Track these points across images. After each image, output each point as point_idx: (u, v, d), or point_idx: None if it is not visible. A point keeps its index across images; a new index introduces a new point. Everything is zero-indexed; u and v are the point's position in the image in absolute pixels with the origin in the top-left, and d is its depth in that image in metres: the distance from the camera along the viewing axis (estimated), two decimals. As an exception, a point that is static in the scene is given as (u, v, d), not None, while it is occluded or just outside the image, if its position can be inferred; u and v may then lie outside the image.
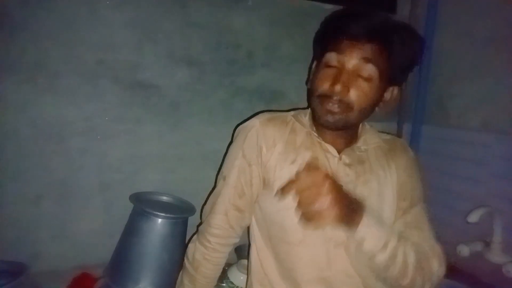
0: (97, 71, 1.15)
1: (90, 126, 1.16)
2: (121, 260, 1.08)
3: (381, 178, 0.91)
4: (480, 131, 1.35)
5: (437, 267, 0.86)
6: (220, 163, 1.14)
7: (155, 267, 1.06)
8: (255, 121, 0.94)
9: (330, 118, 0.84)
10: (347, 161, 0.90)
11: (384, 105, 0.91)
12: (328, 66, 0.85)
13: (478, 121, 1.37)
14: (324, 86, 0.84)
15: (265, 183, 0.91)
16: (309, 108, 0.98)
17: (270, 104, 1.39)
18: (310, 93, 0.91)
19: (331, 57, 0.84)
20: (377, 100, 0.87)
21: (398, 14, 1.59)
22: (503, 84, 1.29)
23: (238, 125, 1.02)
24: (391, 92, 0.90)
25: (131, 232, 1.10)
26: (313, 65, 0.96)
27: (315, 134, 0.92)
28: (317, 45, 0.94)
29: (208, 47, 1.28)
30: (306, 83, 0.99)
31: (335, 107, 0.83)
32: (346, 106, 0.83)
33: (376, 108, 0.89)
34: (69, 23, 1.10)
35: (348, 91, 0.82)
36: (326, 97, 0.83)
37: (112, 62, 1.16)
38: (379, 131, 1.02)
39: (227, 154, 0.99)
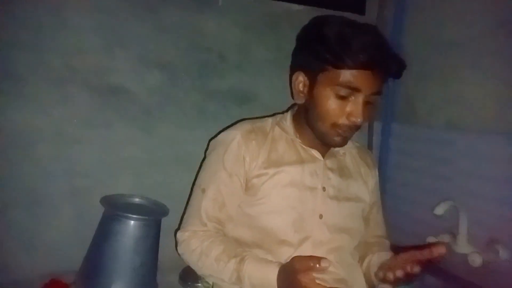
0: (65, 76, 1.14)
1: (59, 132, 1.15)
2: (93, 265, 1.07)
3: (359, 183, 0.98)
4: (446, 129, 1.39)
5: None
6: (194, 166, 1.14)
7: (128, 270, 1.06)
8: (235, 133, 0.94)
9: (341, 141, 0.88)
10: (330, 165, 0.95)
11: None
12: (341, 95, 0.83)
13: (444, 120, 1.42)
14: (340, 116, 0.84)
15: (249, 189, 0.92)
16: (289, 113, 0.98)
17: (243, 106, 1.41)
18: (315, 116, 0.87)
19: (346, 91, 0.82)
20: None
21: (366, 16, 1.64)
22: (467, 85, 1.34)
23: (211, 138, 1.00)
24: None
25: (102, 235, 1.09)
26: (303, 78, 0.89)
27: (299, 141, 0.94)
28: (315, 60, 0.85)
29: (180, 51, 1.29)
30: (292, 97, 0.94)
31: (350, 132, 0.87)
32: (357, 129, 0.87)
33: None
34: (35, 29, 1.09)
35: (366, 119, 0.85)
36: (344, 126, 0.85)
37: (81, 67, 1.15)
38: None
39: (205, 166, 0.97)
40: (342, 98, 0.83)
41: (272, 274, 0.84)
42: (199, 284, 1.17)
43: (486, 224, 1.24)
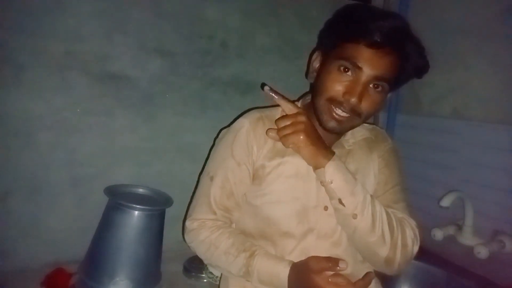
0: (65, 63, 1.11)
1: (59, 120, 1.13)
2: (97, 255, 1.06)
3: (365, 169, 0.95)
4: (451, 119, 1.38)
5: (412, 239, 0.88)
6: (196, 155, 1.13)
7: (132, 261, 1.04)
8: (244, 121, 0.94)
9: (336, 126, 0.85)
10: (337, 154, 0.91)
11: (382, 108, 0.92)
12: (341, 70, 0.82)
13: (449, 109, 1.40)
14: (336, 90, 0.82)
15: (255, 179, 0.92)
16: (300, 102, 0.99)
17: (245, 95, 1.39)
18: (316, 91, 0.87)
19: (347, 65, 0.81)
20: (381, 106, 0.87)
21: (372, 3, 1.61)
22: (473, 73, 1.32)
23: (222, 128, 1.01)
24: (389, 96, 0.91)
25: (106, 226, 1.07)
26: (318, 56, 0.91)
27: None
28: (331, 37, 0.88)
29: (181, 38, 1.26)
30: (306, 76, 0.96)
31: (344, 115, 0.83)
32: (355, 113, 0.83)
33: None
34: (33, 13, 1.06)
35: (361, 101, 0.81)
36: (337, 102, 0.82)
37: (81, 53, 1.13)
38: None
39: (213, 154, 0.97)
40: (344, 72, 0.81)
41: (283, 272, 0.83)
42: (203, 275, 1.17)
43: (492, 215, 1.23)
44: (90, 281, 1.02)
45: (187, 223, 0.94)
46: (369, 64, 0.79)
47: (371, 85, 0.81)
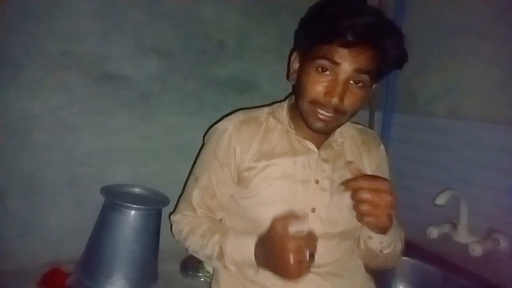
0: (62, 63, 1.11)
1: (57, 120, 1.13)
2: (93, 255, 1.06)
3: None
4: (447, 118, 1.38)
5: (401, 248, 0.95)
6: (192, 154, 1.13)
7: (128, 261, 1.05)
8: (228, 124, 0.94)
9: (323, 126, 0.84)
10: (325, 156, 0.92)
11: (367, 103, 0.93)
12: (319, 71, 0.81)
13: (445, 109, 1.41)
14: (317, 92, 0.81)
15: (241, 181, 0.92)
16: (286, 102, 0.98)
17: (242, 95, 1.39)
18: (298, 94, 0.87)
19: (325, 64, 0.80)
20: (365, 100, 0.86)
21: (368, 2, 1.61)
22: (469, 73, 1.32)
23: (210, 126, 1.02)
24: (373, 89, 0.90)
25: (102, 226, 1.08)
26: (296, 57, 0.90)
27: (293, 131, 0.93)
28: (305, 36, 0.87)
29: (178, 38, 1.27)
30: (287, 78, 0.96)
31: (329, 115, 0.82)
32: (339, 112, 0.82)
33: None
34: (31, 13, 1.06)
35: (342, 100, 0.80)
36: (319, 103, 0.82)
37: (78, 53, 1.13)
38: (352, 122, 1.04)
39: (200, 155, 1.00)
40: (323, 72, 0.80)
41: (251, 246, 0.82)
42: (200, 274, 1.18)
43: (486, 214, 1.24)
44: (87, 281, 1.03)
45: (172, 216, 0.99)
46: (346, 61, 0.78)
47: (351, 82, 0.80)
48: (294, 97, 0.95)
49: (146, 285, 1.09)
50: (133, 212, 1.06)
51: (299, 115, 0.88)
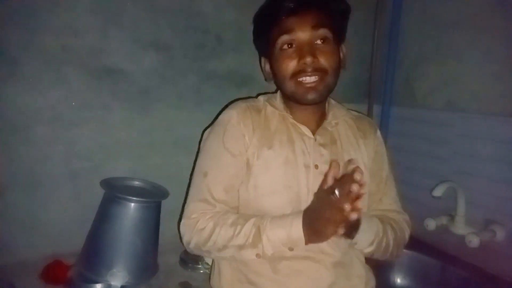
0: (60, 57, 1.12)
1: (56, 114, 1.14)
2: (94, 247, 1.07)
3: (352, 156, 0.95)
4: (445, 111, 1.39)
5: (408, 234, 0.98)
6: (191, 148, 1.14)
7: (129, 253, 1.06)
8: (232, 112, 0.94)
9: (314, 95, 0.87)
10: (322, 141, 0.93)
11: (343, 64, 0.95)
12: (284, 48, 0.87)
13: (443, 101, 1.41)
14: (291, 65, 0.86)
15: (247, 168, 0.91)
16: (278, 92, 0.99)
17: (240, 89, 1.39)
18: (280, 80, 0.91)
19: (284, 39, 0.86)
20: (339, 58, 0.91)
21: (365, -2, 1.61)
22: (466, 66, 1.33)
23: (205, 128, 1.03)
24: (342, 51, 0.95)
25: (102, 218, 1.09)
26: (264, 61, 0.98)
27: (290, 116, 0.94)
28: (260, 41, 0.97)
29: (176, 32, 1.27)
30: (266, 80, 1.01)
31: (312, 79, 0.85)
32: (322, 72, 0.86)
33: (341, 69, 0.93)
34: (28, 7, 1.06)
35: (315, 56, 0.85)
36: (300, 72, 0.85)
37: (76, 47, 1.13)
38: (350, 109, 1.06)
39: (204, 150, 0.95)
40: (288, 48, 0.87)
41: (296, 219, 0.79)
42: (200, 266, 1.19)
43: (483, 205, 1.25)
44: (87, 273, 1.04)
45: (182, 224, 0.90)
46: (300, 25, 0.85)
47: (316, 42, 0.86)
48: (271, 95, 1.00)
49: (146, 277, 1.10)
50: (132, 204, 1.06)
51: (289, 104, 0.93)
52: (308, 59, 0.83)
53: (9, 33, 1.05)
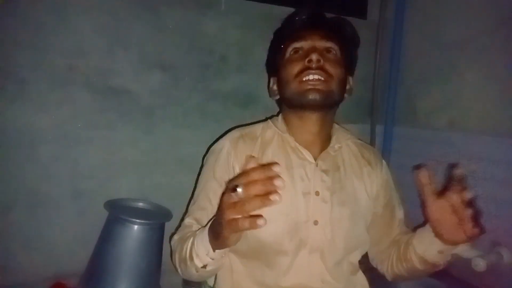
0: (67, 77, 1.13)
1: (62, 133, 1.14)
2: (97, 268, 1.07)
3: (355, 183, 0.93)
4: (447, 130, 1.39)
5: None
6: (196, 167, 1.14)
7: (132, 274, 1.05)
8: (224, 142, 0.94)
9: (316, 96, 0.85)
10: (324, 167, 0.90)
11: (348, 93, 0.95)
12: (292, 54, 0.89)
13: (445, 121, 1.42)
14: (298, 65, 0.87)
15: None
16: (280, 114, 0.99)
17: (245, 108, 1.40)
18: (284, 85, 0.90)
19: (293, 46, 0.89)
20: (345, 78, 0.91)
21: (368, 19, 1.64)
22: (468, 85, 1.34)
23: (210, 146, 1.01)
24: (349, 82, 0.96)
25: (106, 239, 1.08)
26: (272, 81, 0.99)
27: (292, 138, 0.92)
28: (273, 57, 0.97)
29: (181, 52, 1.29)
30: (270, 96, 1.00)
31: (316, 76, 0.84)
32: (326, 73, 0.85)
33: (345, 95, 0.93)
34: (37, 29, 1.08)
35: (322, 56, 0.86)
36: (304, 70, 0.85)
37: (83, 67, 1.15)
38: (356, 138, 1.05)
39: (200, 177, 0.97)
40: (296, 53, 0.89)
41: (206, 233, 0.74)
42: (202, 287, 1.17)
43: (489, 227, 1.23)
44: (90, 294, 1.03)
45: (171, 240, 0.92)
46: (311, 35, 0.89)
47: (324, 52, 0.88)
48: (283, 107, 0.98)
49: (149, 298, 1.09)
50: (136, 226, 1.06)
51: (295, 120, 0.92)
52: (314, 56, 0.85)
53: (17, 54, 1.07)
